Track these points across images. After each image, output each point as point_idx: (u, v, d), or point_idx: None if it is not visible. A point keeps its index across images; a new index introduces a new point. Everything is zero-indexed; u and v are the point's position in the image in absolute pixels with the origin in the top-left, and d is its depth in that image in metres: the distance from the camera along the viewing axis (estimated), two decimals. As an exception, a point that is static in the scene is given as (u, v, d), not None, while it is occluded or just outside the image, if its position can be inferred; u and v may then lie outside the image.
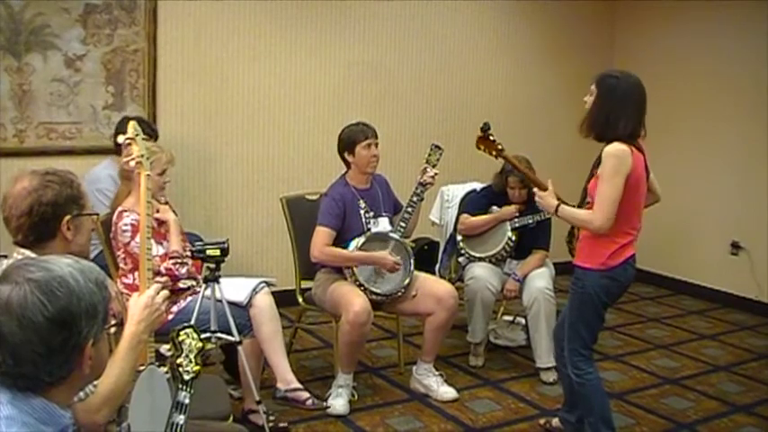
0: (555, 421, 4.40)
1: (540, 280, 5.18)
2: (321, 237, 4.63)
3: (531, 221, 5.28)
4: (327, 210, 4.68)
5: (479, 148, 4.10)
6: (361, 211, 4.75)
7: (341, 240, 4.70)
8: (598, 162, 3.70)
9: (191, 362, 2.29)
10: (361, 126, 4.75)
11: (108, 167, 5.05)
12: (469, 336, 5.34)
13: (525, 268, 5.28)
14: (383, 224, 4.81)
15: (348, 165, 4.80)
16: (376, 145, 4.74)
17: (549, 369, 5.11)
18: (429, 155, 4.79)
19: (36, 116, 5.38)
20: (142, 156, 2.97)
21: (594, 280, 3.75)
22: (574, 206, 3.92)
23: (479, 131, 4.05)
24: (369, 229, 4.72)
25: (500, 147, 4.07)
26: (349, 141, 4.72)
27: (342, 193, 4.74)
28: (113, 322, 1.98)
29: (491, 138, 4.04)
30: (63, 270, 1.74)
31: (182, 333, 2.32)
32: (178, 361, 2.28)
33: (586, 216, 3.72)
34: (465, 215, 5.47)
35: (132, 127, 2.99)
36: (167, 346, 2.36)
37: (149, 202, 2.95)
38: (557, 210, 3.85)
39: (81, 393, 2.14)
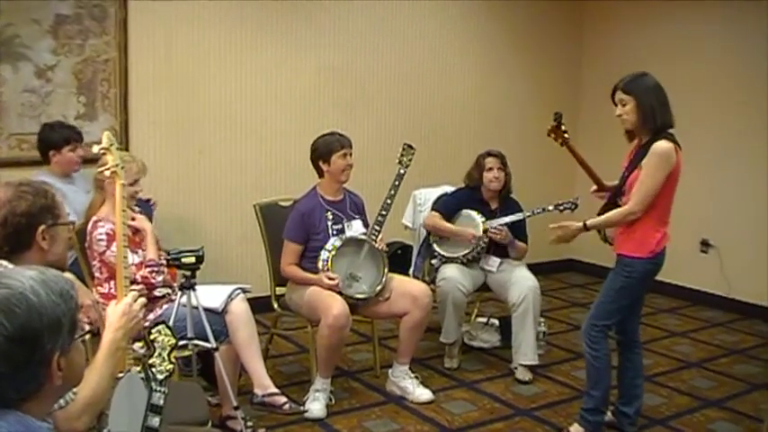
0: (606, 415, 4.44)
1: (530, 279, 5.25)
2: (286, 253, 4.83)
3: (507, 222, 5.31)
4: (292, 224, 4.82)
5: (549, 136, 4.38)
6: (329, 223, 4.79)
7: (308, 250, 4.79)
8: (640, 157, 3.99)
9: (164, 360, 2.30)
10: (336, 136, 4.81)
11: (44, 177, 4.78)
12: (443, 336, 5.36)
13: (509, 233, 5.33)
14: (356, 227, 4.86)
15: (321, 173, 4.84)
16: (351, 155, 4.81)
17: (529, 367, 5.18)
18: (401, 155, 4.91)
19: (7, 127, 5.37)
20: (117, 165, 2.98)
21: (643, 266, 4.08)
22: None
23: (552, 121, 4.32)
24: (336, 234, 4.78)
25: (566, 136, 4.35)
26: (325, 150, 4.77)
27: (308, 207, 4.82)
28: (87, 329, 1.96)
29: (562, 128, 4.32)
30: (23, 285, 1.69)
31: (153, 331, 2.33)
32: (151, 361, 2.29)
33: (624, 209, 4.03)
34: (435, 213, 5.53)
35: (107, 137, 3.01)
36: (140, 344, 2.37)
37: (125, 210, 2.97)
38: (585, 227, 4.14)
39: (61, 401, 2.14)
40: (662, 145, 3.93)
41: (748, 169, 6.82)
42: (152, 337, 2.31)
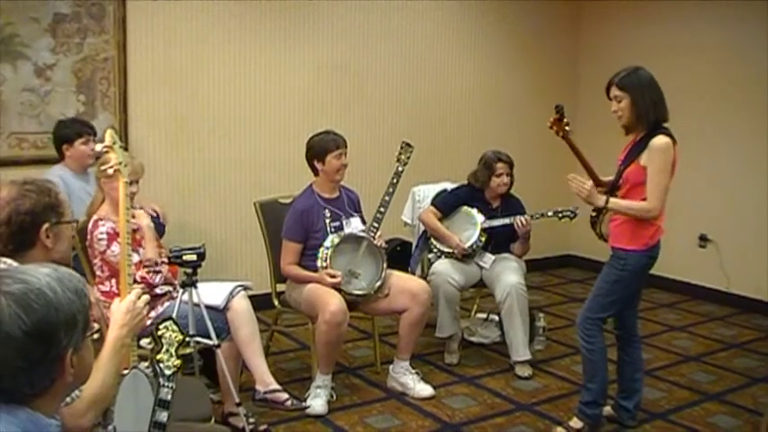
0: (606, 409, 4.46)
1: (512, 275, 5.25)
2: (286, 253, 4.83)
3: (508, 222, 5.32)
4: (290, 223, 4.82)
5: (551, 128, 4.32)
6: (327, 220, 4.81)
7: (307, 249, 4.80)
8: (637, 151, 4.02)
9: (171, 356, 2.32)
10: (332, 135, 4.82)
11: (57, 171, 4.90)
12: (438, 331, 5.37)
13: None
14: (355, 224, 4.88)
15: (316, 172, 4.86)
16: (345, 154, 4.82)
17: (525, 363, 5.19)
18: (400, 153, 4.92)
19: (7, 126, 5.37)
20: (120, 163, 3.00)
21: (638, 260, 4.09)
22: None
23: (555, 113, 4.27)
24: (335, 231, 4.79)
25: (567, 129, 4.29)
26: (320, 150, 4.79)
27: (306, 205, 4.83)
28: (96, 327, 1.98)
29: (564, 120, 4.28)
30: (41, 281, 1.71)
31: (161, 327, 2.35)
32: (158, 357, 2.31)
33: (644, 205, 3.98)
34: (432, 208, 5.55)
35: (110, 135, 3.02)
36: (147, 340, 2.39)
37: (128, 209, 2.98)
38: (606, 204, 4.07)
39: (67, 398, 2.16)
40: (661, 140, 3.95)
41: (746, 164, 6.85)
42: (159, 332, 2.33)
